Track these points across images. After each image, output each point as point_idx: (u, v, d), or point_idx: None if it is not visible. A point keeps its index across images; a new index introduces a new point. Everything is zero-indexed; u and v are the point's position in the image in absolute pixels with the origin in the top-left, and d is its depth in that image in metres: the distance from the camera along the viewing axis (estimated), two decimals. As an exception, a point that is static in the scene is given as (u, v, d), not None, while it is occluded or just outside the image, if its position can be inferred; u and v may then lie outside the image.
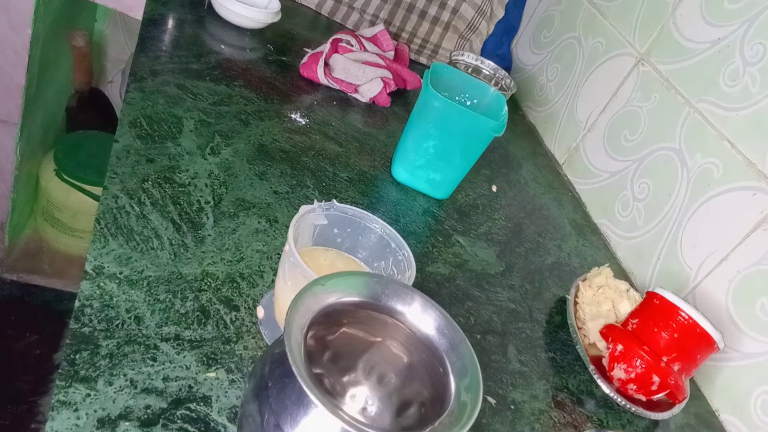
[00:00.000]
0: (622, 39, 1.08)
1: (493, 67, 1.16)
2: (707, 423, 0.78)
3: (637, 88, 1.03)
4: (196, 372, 0.49)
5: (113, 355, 0.47)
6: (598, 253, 0.97)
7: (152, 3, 0.94)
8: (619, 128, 1.05)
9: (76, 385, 0.44)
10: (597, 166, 1.08)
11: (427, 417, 0.43)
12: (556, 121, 1.21)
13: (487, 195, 0.96)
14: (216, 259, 0.60)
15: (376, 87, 0.99)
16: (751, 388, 0.77)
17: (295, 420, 0.37)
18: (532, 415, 0.64)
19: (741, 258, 0.81)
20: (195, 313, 0.54)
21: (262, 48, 1.00)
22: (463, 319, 0.70)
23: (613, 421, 0.69)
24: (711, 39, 0.91)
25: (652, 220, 0.95)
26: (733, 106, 0.86)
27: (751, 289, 0.79)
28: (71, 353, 0.46)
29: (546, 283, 0.84)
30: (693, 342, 0.71)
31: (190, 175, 0.68)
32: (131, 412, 0.44)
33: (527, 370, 0.69)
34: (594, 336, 0.76)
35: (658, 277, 0.92)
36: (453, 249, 0.80)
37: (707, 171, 0.88)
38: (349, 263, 0.58)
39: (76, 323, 0.48)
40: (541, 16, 1.32)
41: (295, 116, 0.88)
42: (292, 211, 0.71)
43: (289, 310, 0.40)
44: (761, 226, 0.79)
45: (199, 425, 0.46)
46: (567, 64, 1.21)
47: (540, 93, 1.27)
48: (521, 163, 1.10)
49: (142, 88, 0.76)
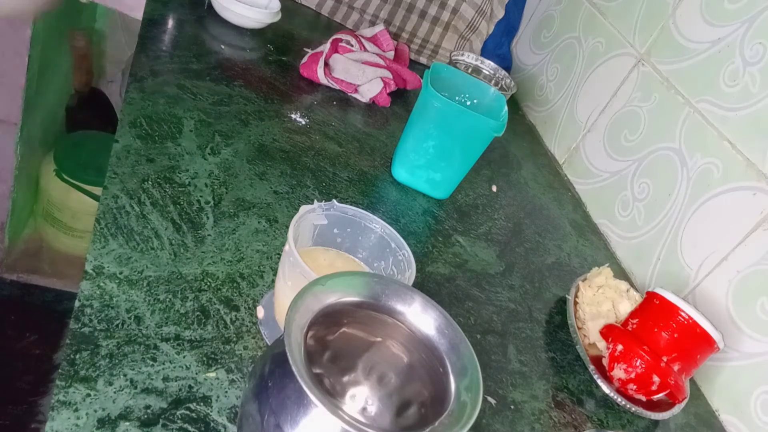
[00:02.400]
0: (622, 39, 1.08)
1: (493, 67, 1.16)
2: (707, 423, 0.78)
3: (637, 88, 1.03)
4: (196, 372, 0.49)
5: (113, 355, 0.47)
6: (598, 253, 0.97)
7: (152, 3, 0.94)
8: (619, 128, 1.05)
9: (76, 385, 0.44)
10: (597, 166, 1.08)
11: (427, 417, 0.43)
12: (556, 121, 1.21)
13: (487, 195, 0.96)
14: (216, 259, 0.60)
15: (376, 87, 0.99)
16: (751, 388, 0.77)
17: (295, 420, 0.37)
18: (532, 415, 0.64)
19: (741, 258, 0.81)
20: (195, 313, 0.54)
21: (262, 48, 1.00)
22: (463, 319, 0.70)
23: (613, 421, 0.69)
24: (711, 39, 0.91)
25: (652, 220, 0.95)
26: (733, 106, 0.86)
27: (751, 289, 0.79)
28: (71, 353, 0.46)
29: (546, 283, 0.84)
30: (693, 342, 0.71)
31: (190, 175, 0.68)
32: (131, 412, 0.44)
33: (527, 370, 0.69)
34: (594, 336, 0.76)
35: (658, 277, 0.92)
36: (453, 249, 0.80)
37: (707, 171, 0.88)
38: (349, 263, 0.58)
39: (76, 323, 0.48)
40: (541, 16, 1.32)
41: (295, 116, 0.88)
42: (292, 211, 0.71)
43: (289, 310, 0.40)
44: (761, 226, 0.79)
45: (199, 425, 0.46)
46: (567, 64, 1.21)
47: (540, 93, 1.27)
48: (521, 163, 1.10)
49: (142, 88, 0.76)
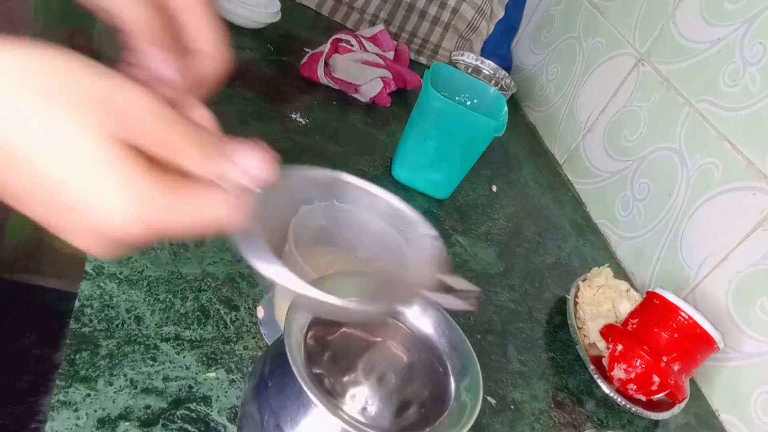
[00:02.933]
0: (622, 39, 1.08)
1: (493, 67, 1.15)
2: (707, 423, 0.78)
3: (637, 88, 1.03)
4: (196, 372, 0.49)
5: (113, 355, 0.47)
6: (598, 253, 0.97)
7: (152, 3, 0.94)
8: (619, 128, 1.05)
9: (76, 385, 0.44)
10: (597, 166, 1.08)
11: (427, 417, 0.43)
12: (556, 121, 1.21)
13: (487, 195, 0.96)
14: (216, 259, 0.60)
15: (376, 87, 0.99)
16: (751, 388, 0.77)
17: (295, 420, 0.37)
18: (532, 415, 0.64)
19: (741, 258, 0.81)
20: (195, 313, 0.54)
21: (262, 48, 1.00)
22: (463, 319, 0.70)
23: (613, 421, 0.69)
24: (711, 39, 0.91)
25: (652, 220, 0.95)
26: (733, 106, 0.86)
27: (751, 289, 0.79)
28: (71, 353, 0.46)
29: (546, 283, 0.84)
30: (693, 342, 0.71)
31: (190, 175, 0.68)
32: (131, 412, 0.44)
33: (527, 370, 0.69)
34: (594, 336, 0.76)
35: (658, 277, 0.92)
36: (453, 249, 0.80)
37: (707, 171, 0.88)
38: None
39: (76, 323, 0.48)
40: (541, 16, 1.32)
41: (295, 116, 0.88)
42: (292, 211, 0.71)
43: (289, 310, 0.40)
44: (761, 226, 0.79)
45: (199, 425, 0.46)
46: (567, 64, 1.21)
47: (540, 93, 1.27)
48: (521, 163, 1.10)
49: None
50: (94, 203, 0.28)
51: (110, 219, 0.28)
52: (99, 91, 0.28)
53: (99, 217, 0.28)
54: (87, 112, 0.27)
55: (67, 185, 0.27)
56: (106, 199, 0.28)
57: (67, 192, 0.27)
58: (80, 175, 0.27)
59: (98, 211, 0.28)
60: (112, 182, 0.27)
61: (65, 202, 0.28)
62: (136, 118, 0.28)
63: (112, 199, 0.28)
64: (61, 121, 0.27)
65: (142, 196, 0.28)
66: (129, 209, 0.28)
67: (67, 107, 0.27)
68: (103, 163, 0.27)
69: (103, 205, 0.28)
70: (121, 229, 0.28)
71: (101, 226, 0.28)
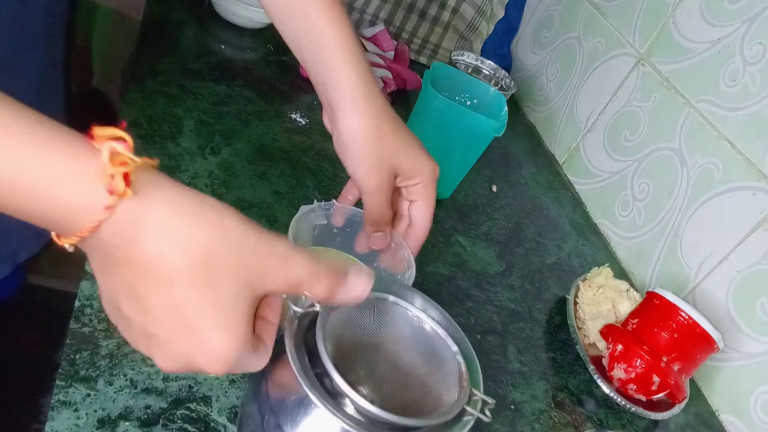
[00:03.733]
0: (622, 39, 1.08)
1: (493, 67, 1.15)
2: (707, 423, 0.78)
3: (637, 88, 1.03)
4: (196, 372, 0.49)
5: (113, 355, 0.47)
6: (598, 253, 0.97)
7: (152, 3, 0.94)
8: (619, 128, 1.05)
9: (76, 385, 0.44)
10: (597, 166, 1.08)
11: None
12: (556, 121, 1.21)
13: (487, 195, 0.96)
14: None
15: (376, 87, 0.99)
16: (751, 388, 0.77)
17: (295, 420, 0.37)
18: (532, 415, 0.64)
19: (741, 258, 0.81)
20: (195, 313, 0.54)
21: (262, 48, 1.00)
22: (463, 319, 0.70)
23: (613, 421, 0.69)
24: (711, 39, 0.91)
25: (652, 220, 0.95)
26: (733, 106, 0.86)
27: (751, 289, 0.79)
28: (71, 353, 0.46)
29: (546, 283, 0.84)
30: (693, 342, 0.71)
31: (190, 174, 0.68)
32: (131, 412, 0.44)
33: (527, 370, 0.69)
34: (594, 336, 0.76)
35: (658, 277, 0.92)
36: (453, 249, 0.80)
37: (707, 171, 0.88)
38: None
39: (76, 323, 0.48)
40: (541, 16, 1.32)
41: (295, 116, 0.88)
42: (292, 211, 0.71)
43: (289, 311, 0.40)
44: (761, 226, 0.79)
45: (199, 425, 0.46)
46: (567, 64, 1.21)
47: (540, 93, 1.27)
48: (521, 163, 1.10)
49: (142, 88, 0.76)
50: (204, 336, 0.31)
51: (208, 355, 0.31)
52: (255, 259, 0.32)
53: (199, 347, 0.31)
54: (242, 273, 0.32)
55: (192, 310, 0.31)
56: (215, 338, 0.31)
57: (188, 315, 0.31)
58: (208, 309, 0.31)
59: (202, 343, 0.31)
60: (228, 328, 0.31)
61: (179, 322, 0.31)
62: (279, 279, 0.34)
63: (221, 340, 0.31)
64: (222, 276, 0.31)
65: (241, 351, 0.32)
66: (229, 355, 0.32)
67: (229, 270, 0.31)
68: (231, 309, 0.31)
69: (209, 342, 0.31)
70: (209, 366, 0.32)
71: (194, 354, 0.32)
